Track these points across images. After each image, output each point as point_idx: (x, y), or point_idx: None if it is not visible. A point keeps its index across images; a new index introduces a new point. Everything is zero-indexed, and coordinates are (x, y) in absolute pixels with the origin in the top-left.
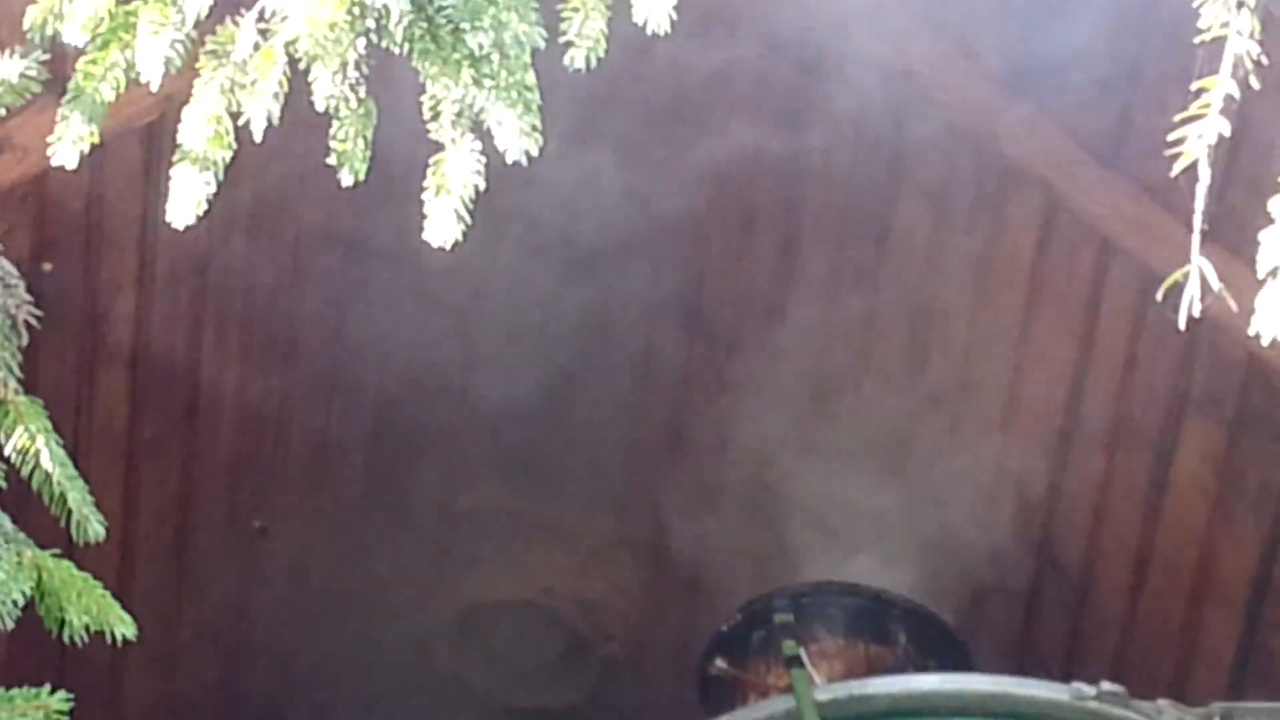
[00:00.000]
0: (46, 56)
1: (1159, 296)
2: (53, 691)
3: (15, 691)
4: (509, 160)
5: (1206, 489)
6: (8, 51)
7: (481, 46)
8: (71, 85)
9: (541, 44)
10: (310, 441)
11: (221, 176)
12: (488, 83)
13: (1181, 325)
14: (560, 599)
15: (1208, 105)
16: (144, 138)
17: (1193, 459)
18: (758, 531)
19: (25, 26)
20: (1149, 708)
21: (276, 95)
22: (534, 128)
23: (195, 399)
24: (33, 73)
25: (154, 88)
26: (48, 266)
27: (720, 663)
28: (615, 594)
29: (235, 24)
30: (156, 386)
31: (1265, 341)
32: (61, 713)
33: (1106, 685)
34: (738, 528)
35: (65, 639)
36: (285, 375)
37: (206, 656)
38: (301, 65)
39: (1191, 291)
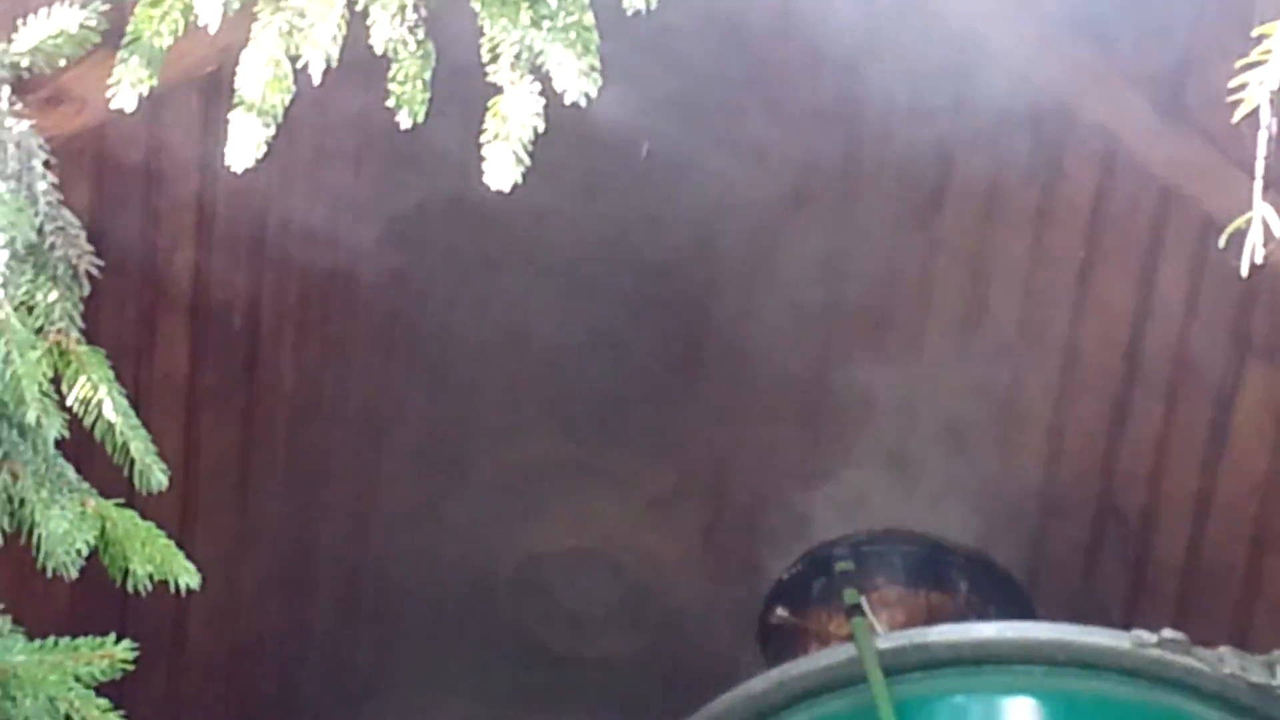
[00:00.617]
0: (105, 7)
1: (1221, 244)
2: (117, 640)
3: (81, 640)
4: (567, 101)
5: (1267, 435)
6: (67, 2)
7: None
8: (130, 29)
9: None
10: (370, 390)
11: (279, 121)
12: (546, 24)
13: (1244, 273)
14: (619, 548)
15: (1269, 51)
16: (203, 88)
17: (1254, 405)
18: (818, 479)
19: None
20: (1210, 655)
21: (335, 38)
22: (592, 68)
23: (255, 348)
24: (92, 23)
25: (212, 30)
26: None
27: (781, 611)
28: (675, 543)
29: None
30: (216, 335)
31: None
32: (127, 661)
33: (1168, 633)
34: (798, 476)
35: (129, 588)
36: (345, 324)
37: (268, 604)
38: (359, 7)
39: (1254, 239)
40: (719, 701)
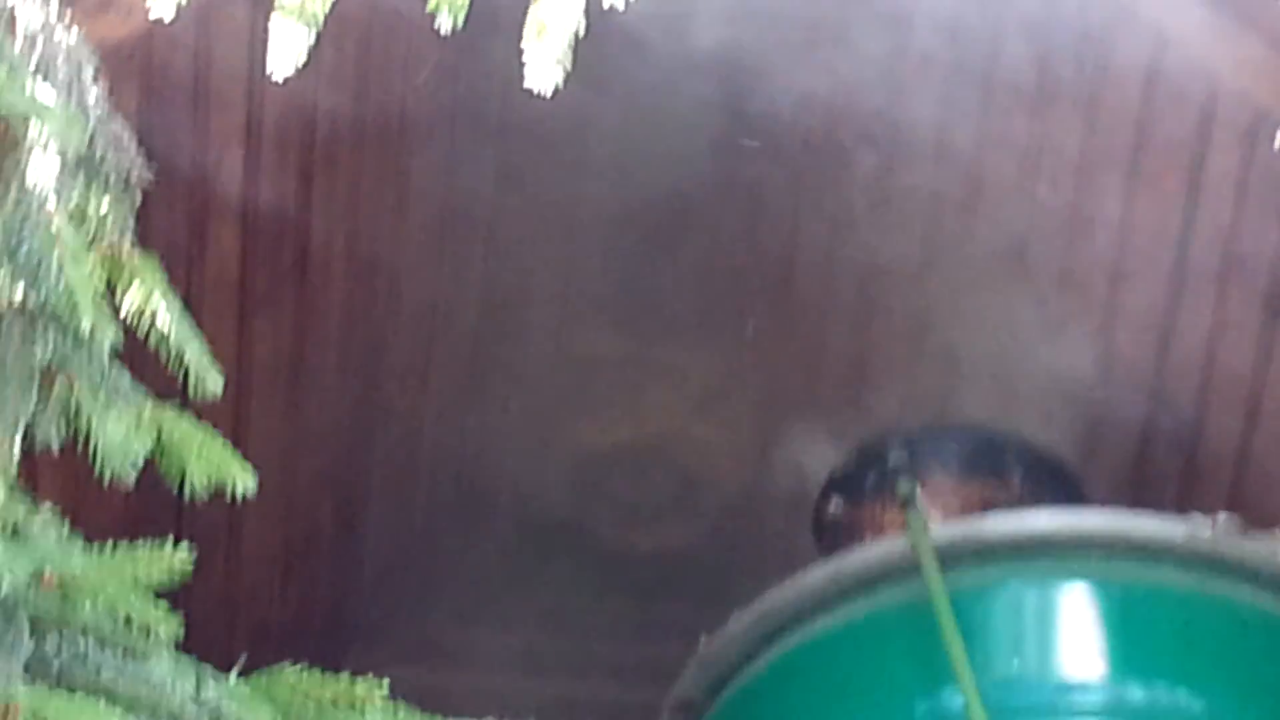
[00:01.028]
0: None
1: (1276, 145)
2: (175, 545)
3: (139, 546)
4: (605, 5)
5: None
6: None
7: None
8: None
9: None
10: (422, 291)
11: (321, 27)
12: None
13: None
14: (674, 442)
15: None
16: None
17: None
18: (873, 369)
19: None
20: (1266, 540)
21: None
22: None
23: (306, 252)
24: None
25: None
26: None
27: (836, 504)
28: (729, 436)
29: None
30: (267, 240)
31: None
32: (185, 567)
33: (1223, 519)
34: (852, 366)
35: (185, 494)
36: (395, 226)
37: (321, 507)
38: None
39: None
40: (774, 593)
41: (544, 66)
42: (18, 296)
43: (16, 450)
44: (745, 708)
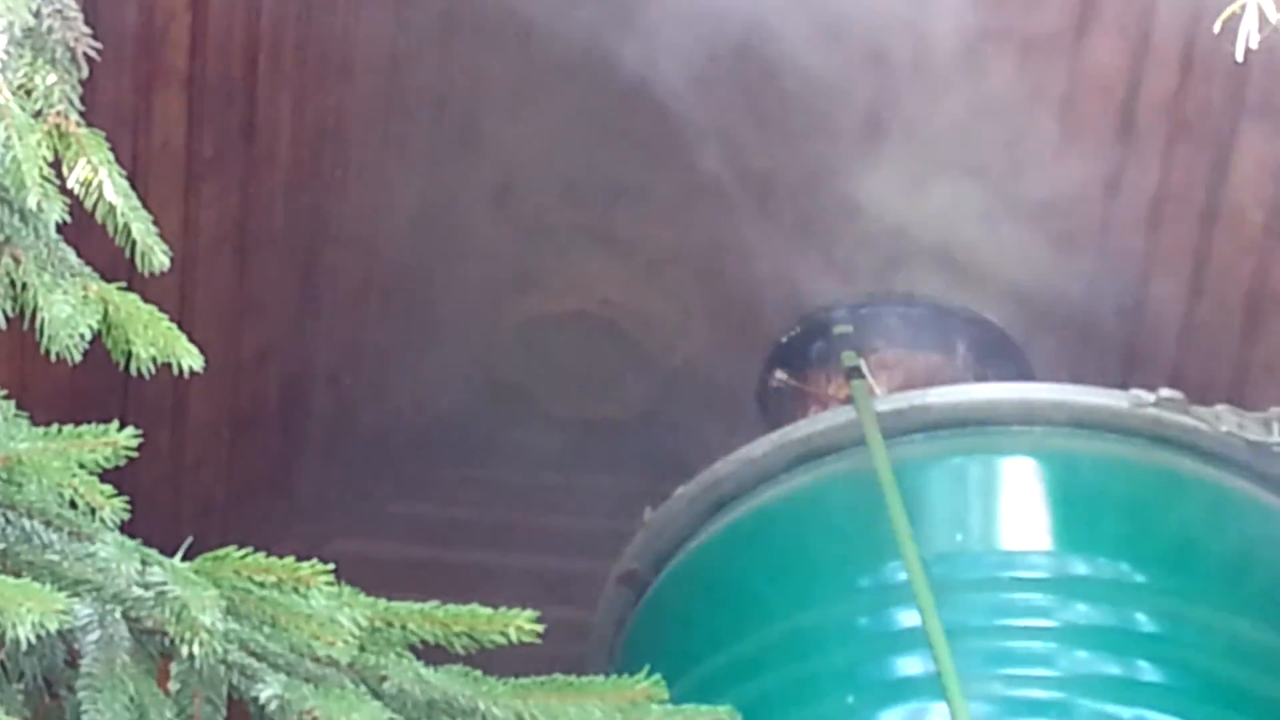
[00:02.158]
0: None
1: (1216, 29)
2: (121, 425)
3: (84, 428)
4: None
5: (1264, 198)
6: None
7: None
8: None
9: None
10: (368, 156)
11: None
12: None
13: (1239, 58)
14: (619, 310)
15: None
16: None
17: (1250, 164)
18: (817, 240)
19: None
20: (1208, 413)
21: None
22: None
23: (252, 118)
24: None
25: None
26: None
27: (780, 375)
28: (674, 306)
29: None
30: (214, 107)
31: None
32: (130, 448)
33: (1165, 392)
34: (797, 236)
35: (132, 370)
36: (341, 88)
37: (267, 377)
38: None
39: (1247, 26)
40: (719, 464)
41: None
42: None
43: None
44: (689, 579)
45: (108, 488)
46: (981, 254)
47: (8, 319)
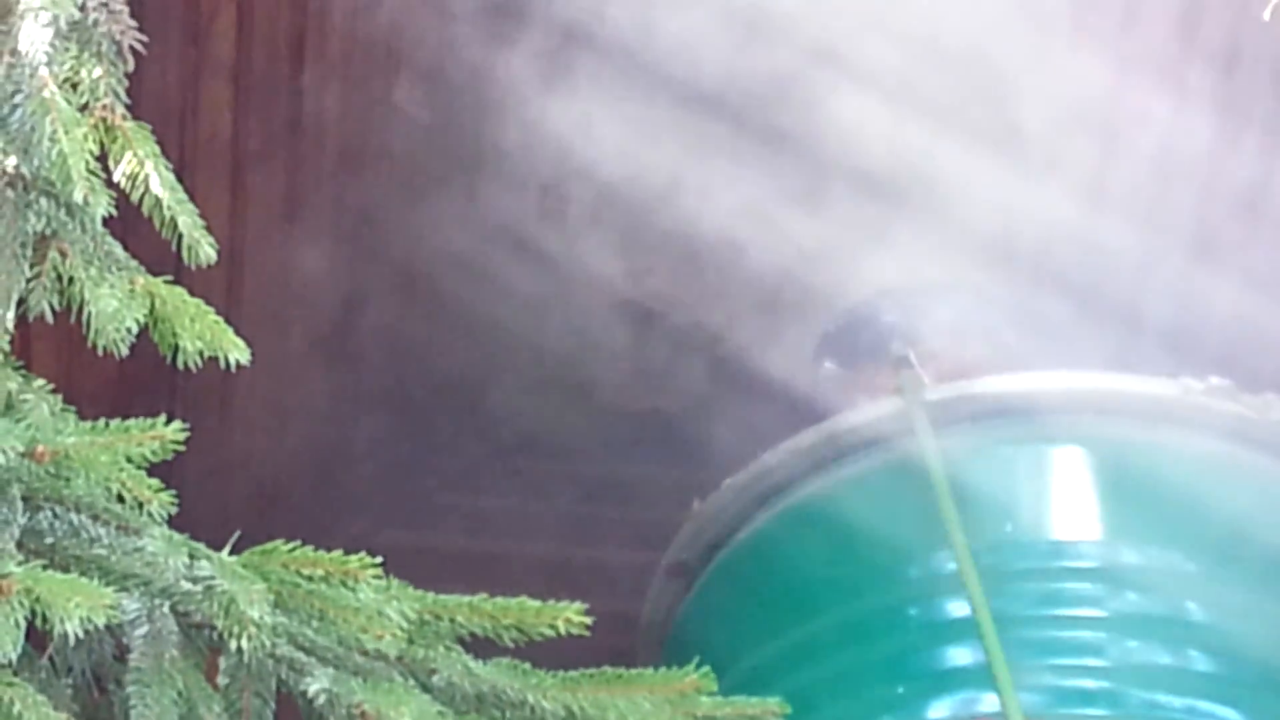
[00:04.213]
0: None
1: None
2: (168, 421)
3: (131, 422)
4: None
5: None
6: None
7: None
8: None
9: None
10: (413, 146)
11: None
12: None
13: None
14: (665, 301)
15: None
16: None
17: None
18: (868, 224)
19: None
20: (1257, 402)
21: None
22: None
23: (299, 110)
24: None
25: None
26: None
27: (829, 365)
28: (721, 295)
29: None
30: (260, 99)
31: None
32: (177, 442)
33: (1215, 380)
34: (848, 221)
35: (179, 364)
36: (388, 78)
37: (315, 370)
38: None
39: None
40: (768, 455)
41: None
42: (10, 166)
43: (10, 321)
44: (738, 571)
45: (155, 482)
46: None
47: (55, 313)
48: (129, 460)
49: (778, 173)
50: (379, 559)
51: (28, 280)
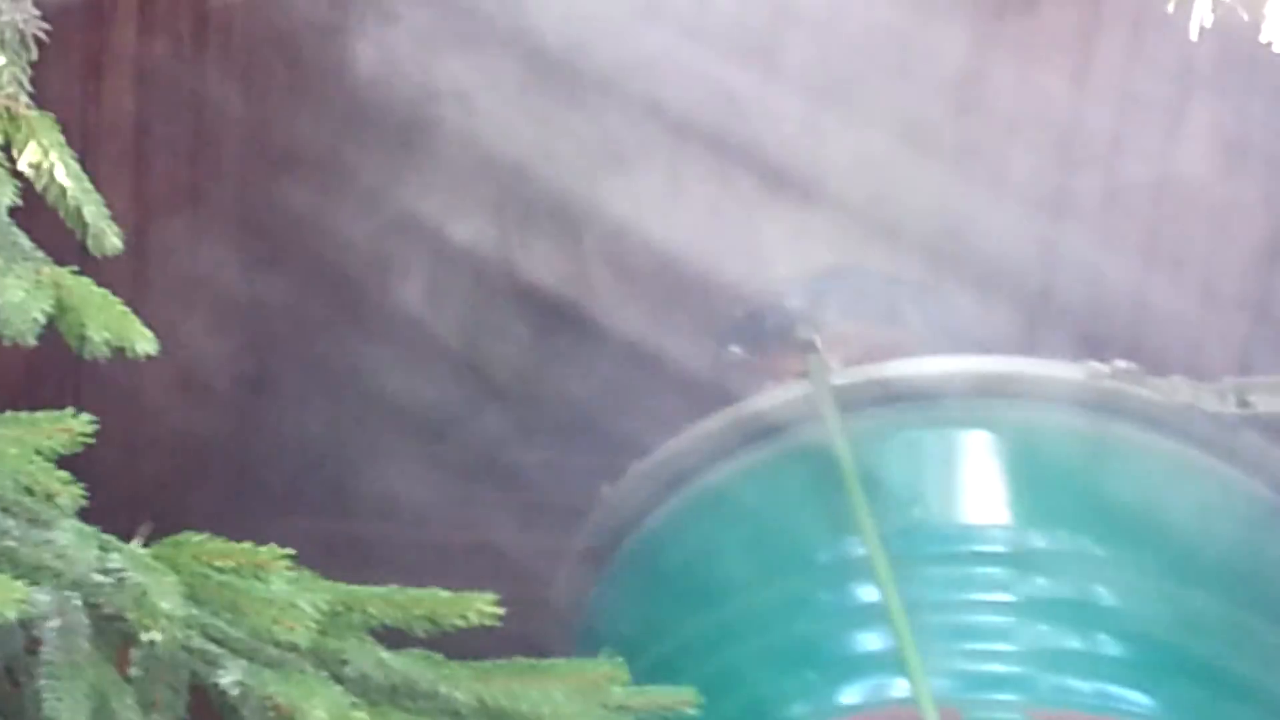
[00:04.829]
0: None
1: (1169, 8)
2: (76, 411)
3: (40, 414)
4: None
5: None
6: None
7: None
8: None
9: None
10: (320, 131)
11: None
12: None
13: (1194, 36)
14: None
15: None
16: None
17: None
18: (767, 210)
19: None
20: (1164, 385)
21: None
22: None
23: (202, 96)
24: None
25: None
26: None
27: (735, 349)
28: (621, 280)
29: None
30: (163, 86)
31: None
32: (85, 434)
33: (1121, 363)
34: (748, 204)
35: (85, 354)
36: (291, 67)
37: (223, 359)
38: None
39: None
40: (674, 441)
41: None
42: None
43: None
44: (646, 557)
45: (65, 474)
46: (932, 224)
47: None
48: (38, 453)
49: (682, 158)
50: (290, 550)
51: None
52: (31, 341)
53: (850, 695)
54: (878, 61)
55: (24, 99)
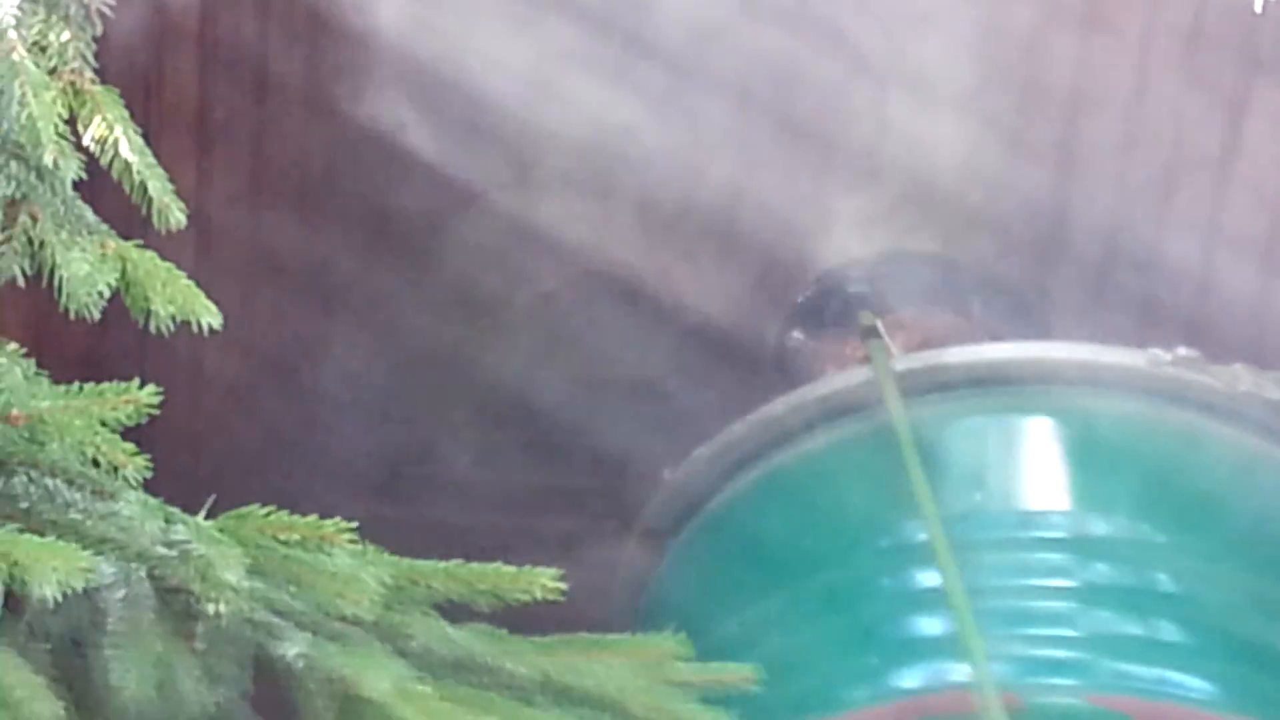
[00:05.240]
0: None
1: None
2: (141, 383)
3: (105, 385)
4: None
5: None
6: None
7: None
8: None
9: None
10: (380, 112)
11: None
12: None
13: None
14: (636, 273)
15: None
16: None
17: (1263, 123)
18: (830, 192)
19: None
20: (1225, 372)
21: None
22: None
23: (264, 79)
24: None
25: None
26: None
27: (797, 335)
28: (686, 265)
29: None
30: (225, 65)
31: None
32: (151, 406)
33: (1182, 350)
34: (809, 188)
35: (150, 328)
36: (355, 48)
37: (285, 334)
38: None
39: None
40: (737, 425)
41: None
42: None
43: None
44: (708, 540)
45: (130, 446)
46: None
47: (25, 277)
48: (103, 424)
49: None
50: (353, 523)
51: None
52: (96, 315)
53: (910, 679)
54: (947, 41)
55: (89, 74)
